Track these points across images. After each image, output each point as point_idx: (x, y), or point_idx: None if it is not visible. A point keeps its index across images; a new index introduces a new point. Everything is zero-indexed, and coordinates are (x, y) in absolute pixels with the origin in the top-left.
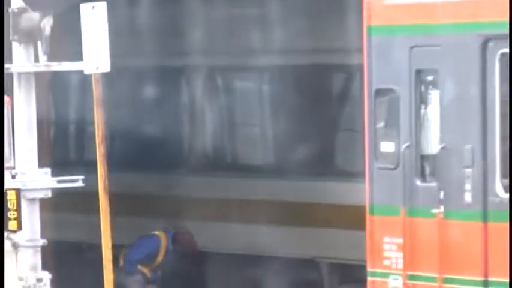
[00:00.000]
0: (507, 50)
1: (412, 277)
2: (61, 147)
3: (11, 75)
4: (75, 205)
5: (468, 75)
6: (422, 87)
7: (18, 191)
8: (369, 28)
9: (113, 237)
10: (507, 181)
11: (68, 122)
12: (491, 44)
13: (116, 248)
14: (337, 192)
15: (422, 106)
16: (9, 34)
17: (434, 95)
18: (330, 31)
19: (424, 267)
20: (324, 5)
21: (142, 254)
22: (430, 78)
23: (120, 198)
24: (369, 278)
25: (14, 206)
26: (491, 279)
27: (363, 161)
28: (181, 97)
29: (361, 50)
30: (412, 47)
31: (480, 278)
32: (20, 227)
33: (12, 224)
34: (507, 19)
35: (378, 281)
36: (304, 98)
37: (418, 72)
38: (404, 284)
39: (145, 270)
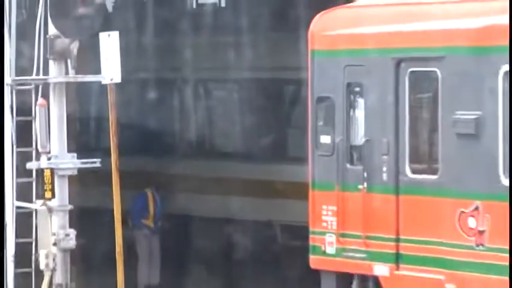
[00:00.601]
0: (415, 69)
1: (343, 235)
2: (84, 137)
3: (48, 84)
4: (95, 180)
5: (385, 88)
6: (351, 96)
7: (52, 170)
8: (313, 52)
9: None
10: (414, 165)
11: (89, 119)
12: (403, 64)
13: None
14: (290, 171)
15: (351, 110)
16: (47, 54)
17: (360, 102)
18: (286, 54)
19: (351, 227)
20: (282, 35)
21: (138, 208)
22: (357, 89)
23: (127, 174)
24: (311, 236)
25: (49, 180)
26: (401, 237)
27: (307, 149)
28: (175, 101)
29: (307, 68)
30: (344, 66)
31: (393, 236)
32: (53, 196)
33: (48, 194)
34: (415, 46)
35: (317, 238)
36: (267, 102)
37: (349, 85)
38: (337, 240)
39: (148, 223)
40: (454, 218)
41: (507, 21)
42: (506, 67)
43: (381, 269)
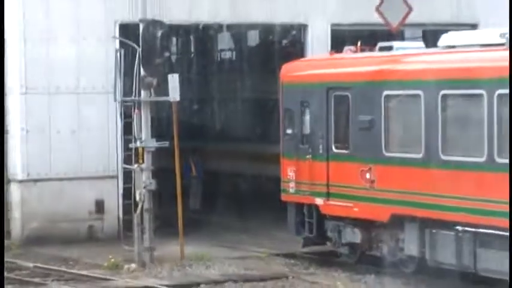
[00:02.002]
0: (337, 93)
1: (298, 182)
2: (159, 130)
3: (140, 101)
4: (166, 153)
5: (321, 103)
6: (303, 108)
7: (143, 148)
8: (282, 83)
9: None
10: (336, 144)
11: (162, 119)
12: (330, 91)
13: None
14: (271, 148)
15: (302, 115)
16: (141, 85)
17: (307, 111)
18: (270, 84)
19: (303, 178)
20: (268, 74)
21: (187, 168)
22: (306, 104)
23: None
24: (282, 183)
25: (141, 153)
26: (330, 182)
27: (280, 136)
28: (207, 110)
29: (279, 92)
30: (300, 92)
31: (325, 182)
32: (143, 162)
33: (140, 161)
34: (337, 80)
35: (285, 184)
36: (259, 110)
37: (301, 102)
38: (295, 185)
39: (192, 176)
40: (358, 173)
41: (391, 67)
42: (388, 92)
43: (318, 200)
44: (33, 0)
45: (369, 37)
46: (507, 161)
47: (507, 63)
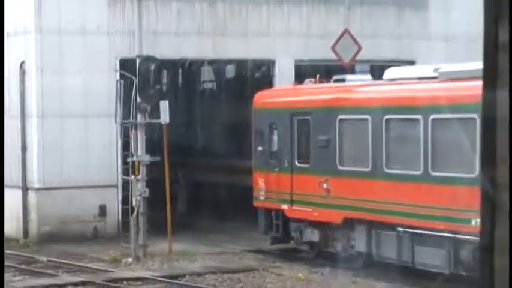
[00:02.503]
0: (299, 117)
1: (267, 191)
2: (153, 147)
3: (137, 123)
4: (157, 167)
5: (286, 126)
6: (271, 129)
7: (138, 162)
8: (254, 109)
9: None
10: (299, 160)
11: (155, 139)
12: (293, 116)
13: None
14: (245, 162)
15: (271, 135)
16: (137, 109)
17: (275, 132)
18: (244, 110)
19: (271, 187)
20: (242, 102)
21: (175, 179)
22: (274, 126)
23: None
24: (254, 191)
25: (137, 167)
26: (293, 191)
27: (253, 153)
28: (193, 131)
29: (252, 116)
30: (269, 116)
31: (289, 191)
32: (138, 173)
33: (136, 173)
34: (299, 107)
35: (256, 192)
36: (236, 132)
37: (271, 124)
38: (266, 193)
39: (180, 185)
40: (317, 183)
41: (344, 96)
42: (341, 116)
43: (284, 206)
44: (49, 39)
45: (325, 71)
46: (441, 174)
47: (440, 93)
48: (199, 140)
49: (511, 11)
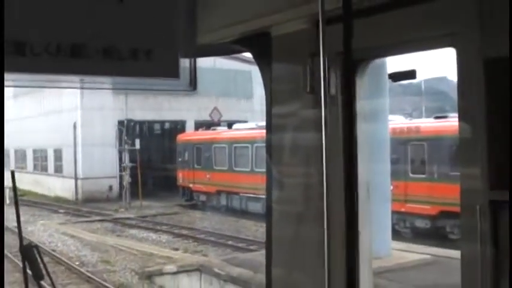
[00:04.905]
0: (197, 145)
1: (183, 179)
2: (132, 160)
3: (125, 149)
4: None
5: (190, 149)
6: (185, 152)
7: (125, 166)
8: (177, 142)
9: None
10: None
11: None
12: (193, 145)
13: None
14: (173, 166)
15: (184, 153)
16: (125, 144)
17: (186, 152)
18: (173, 143)
19: (185, 177)
20: (172, 140)
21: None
22: (185, 149)
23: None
24: (177, 179)
25: (125, 169)
26: (194, 178)
27: (177, 161)
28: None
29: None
30: (182, 145)
31: (192, 178)
32: (126, 171)
33: (125, 171)
34: (196, 141)
35: (178, 179)
36: (170, 152)
37: (184, 148)
38: (182, 180)
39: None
40: (206, 176)
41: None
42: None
43: (191, 185)
44: (88, 111)
45: (208, 125)
46: (258, 169)
47: (257, 134)
48: (152, 156)
49: (511, 23)
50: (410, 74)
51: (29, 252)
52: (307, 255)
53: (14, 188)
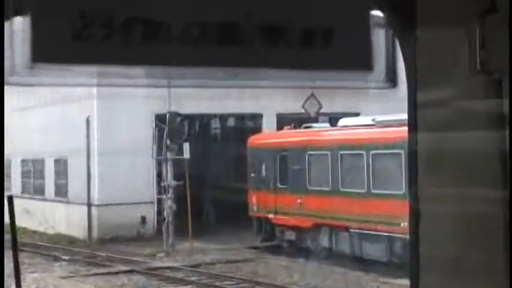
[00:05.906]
0: (282, 153)
1: (259, 205)
2: (177, 175)
3: (167, 159)
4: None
5: (270, 160)
6: (261, 162)
7: (168, 185)
8: (249, 147)
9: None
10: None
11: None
12: (277, 151)
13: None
14: (243, 184)
15: (260, 166)
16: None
17: (263, 164)
18: (243, 148)
19: (261, 203)
20: (241, 146)
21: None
22: (263, 159)
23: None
24: (250, 205)
25: (167, 189)
26: (277, 205)
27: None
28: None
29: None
30: (259, 152)
31: (274, 205)
32: (168, 193)
33: (167, 193)
34: (281, 145)
35: (251, 206)
36: (237, 164)
37: (261, 158)
38: (257, 207)
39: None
40: (295, 201)
41: (311, 138)
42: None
43: (271, 216)
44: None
45: (298, 121)
46: (379, 191)
47: (376, 136)
48: (208, 169)
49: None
50: None
51: None
52: None
53: (12, 221)
